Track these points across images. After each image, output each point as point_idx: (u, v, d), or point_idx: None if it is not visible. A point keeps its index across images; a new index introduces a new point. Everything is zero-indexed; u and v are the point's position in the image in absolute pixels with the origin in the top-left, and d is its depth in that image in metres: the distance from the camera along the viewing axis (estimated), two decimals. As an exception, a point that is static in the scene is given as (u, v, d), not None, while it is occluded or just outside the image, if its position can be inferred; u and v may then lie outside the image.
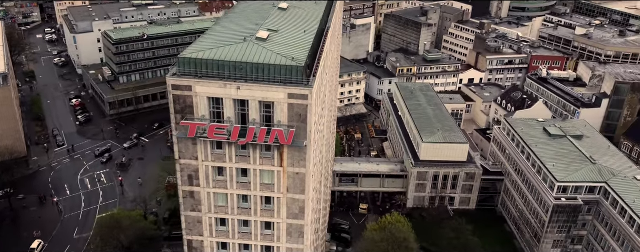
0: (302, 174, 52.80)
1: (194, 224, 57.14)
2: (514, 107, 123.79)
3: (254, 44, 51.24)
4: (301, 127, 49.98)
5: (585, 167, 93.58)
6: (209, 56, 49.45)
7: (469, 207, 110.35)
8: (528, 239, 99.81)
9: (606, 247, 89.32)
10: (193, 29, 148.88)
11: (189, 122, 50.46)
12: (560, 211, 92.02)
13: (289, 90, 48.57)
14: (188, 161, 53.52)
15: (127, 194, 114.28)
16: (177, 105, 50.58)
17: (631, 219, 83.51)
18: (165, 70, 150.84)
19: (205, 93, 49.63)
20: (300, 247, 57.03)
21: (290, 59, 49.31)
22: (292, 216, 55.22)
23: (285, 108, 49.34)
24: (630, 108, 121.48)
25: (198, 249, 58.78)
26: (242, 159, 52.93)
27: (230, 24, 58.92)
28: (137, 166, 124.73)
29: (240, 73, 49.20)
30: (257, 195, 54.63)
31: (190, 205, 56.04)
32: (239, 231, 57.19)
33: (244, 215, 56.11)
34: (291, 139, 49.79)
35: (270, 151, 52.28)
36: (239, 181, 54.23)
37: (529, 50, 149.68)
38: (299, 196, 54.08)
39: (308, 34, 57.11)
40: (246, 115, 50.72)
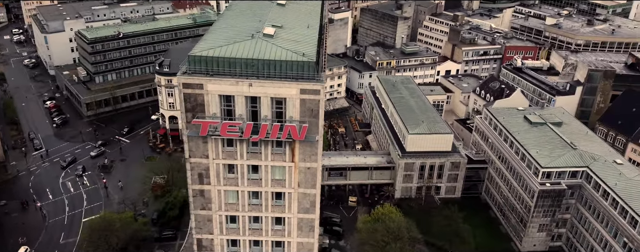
0: (313, 169, 53.36)
1: (204, 223, 57.01)
2: (493, 97, 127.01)
3: (263, 40, 51.38)
4: (313, 123, 50.52)
5: (567, 153, 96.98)
6: (219, 54, 49.33)
7: (455, 196, 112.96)
8: (514, 225, 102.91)
9: (590, 229, 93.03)
10: (169, 27, 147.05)
11: (201, 120, 50.28)
12: (545, 196, 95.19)
13: (302, 86, 48.99)
14: (198, 160, 53.32)
15: (112, 197, 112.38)
16: (188, 104, 50.30)
17: (614, 201, 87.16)
18: (143, 69, 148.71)
19: (216, 91, 49.55)
20: (311, 242, 57.69)
21: (301, 55, 49.70)
22: (303, 210, 55.75)
23: (297, 104, 49.73)
24: (603, 95, 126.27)
25: (208, 248, 58.66)
26: (253, 156, 53.09)
27: (233, 21, 58.73)
28: (120, 167, 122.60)
29: (252, 70, 49.30)
30: (268, 191, 54.92)
31: (200, 204, 55.87)
32: (249, 227, 57.41)
33: (255, 211, 56.32)
34: (304, 135, 50.25)
35: (281, 147, 52.62)
36: (250, 177, 54.41)
37: (502, 41, 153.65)
38: (310, 190, 54.64)
39: (311, 30, 57.55)
40: (257, 112, 50.90)
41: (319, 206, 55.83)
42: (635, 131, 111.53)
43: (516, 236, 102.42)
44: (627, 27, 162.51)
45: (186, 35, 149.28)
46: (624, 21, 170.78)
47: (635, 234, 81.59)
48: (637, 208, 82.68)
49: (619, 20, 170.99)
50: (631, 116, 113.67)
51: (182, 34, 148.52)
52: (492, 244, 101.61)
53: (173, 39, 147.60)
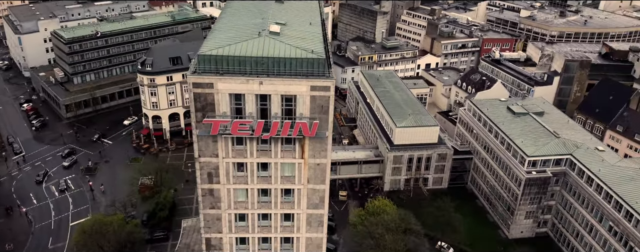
0: (323, 165, 53.89)
1: (213, 222, 56.91)
2: (475, 89, 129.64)
3: (270, 38, 51.49)
4: (323, 119, 50.97)
5: (551, 141, 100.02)
6: (229, 53, 49.24)
7: (442, 187, 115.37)
8: (501, 213, 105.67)
9: (575, 214, 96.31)
10: (148, 25, 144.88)
11: (212, 119, 50.15)
12: (531, 184, 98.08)
13: (312, 82, 49.37)
14: (208, 159, 53.18)
15: (99, 199, 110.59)
16: (197, 103, 50.06)
17: (598, 187, 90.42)
18: (122, 69, 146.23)
19: (227, 90, 49.47)
20: (320, 236, 58.29)
21: (310, 52, 50.02)
22: (312, 206, 56.24)
23: (307, 100, 50.09)
24: (579, 84, 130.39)
25: (217, 247, 58.60)
26: (263, 154, 53.26)
27: (235, 19, 58.57)
28: (105, 169, 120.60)
29: (262, 68, 49.39)
30: (278, 188, 55.18)
31: (209, 203, 55.74)
32: (258, 225, 57.56)
33: (264, 209, 56.55)
34: (315, 131, 50.68)
35: (291, 144, 52.95)
36: (259, 175, 54.56)
37: (480, 34, 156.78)
38: (319, 186, 55.17)
39: (314, 26, 57.88)
40: (267, 109, 51.04)
41: (328, 201, 56.39)
42: (612, 119, 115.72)
43: (503, 224, 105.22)
44: (599, 17, 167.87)
45: (165, 34, 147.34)
46: (595, 12, 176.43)
47: (621, 218, 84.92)
48: (622, 193, 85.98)
49: (590, 11, 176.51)
50: (608, 104, 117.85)
51: (160, 32, 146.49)
52: (480, 232, 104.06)
53: (152, 37, 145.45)
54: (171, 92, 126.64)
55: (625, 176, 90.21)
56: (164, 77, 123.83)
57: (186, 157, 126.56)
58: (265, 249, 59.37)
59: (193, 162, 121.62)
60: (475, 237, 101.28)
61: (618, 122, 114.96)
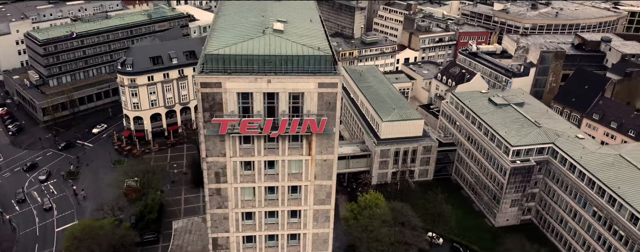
0: (330, 161, 54.44)
1: (220, 222, 56.83)
2: (455, 82, 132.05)
3: (275, 36, 51.64)
4: (330, 115, 51.45)
5: (533, 131, 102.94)
6: (237, 51, 49.18)
7: (428, 179, 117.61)
8: (487, 202, 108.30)
9: (559, 201, 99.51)
10: (124, 24, 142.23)
11: (221, 119, 50.02)
12: (516, 173, 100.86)
13: (320, 79, 49.78)
14: (216, 159, 53.05)
15: (84, 204, 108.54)
16: (205, 103, 49.86)
17: (581, 173, 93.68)
18: (98, 70, 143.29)
19: (235, 89, 49.45)
20: (326, 232, 58.89)
21: (316, 49, 50.39)
22: (319, 202, 56.76)
23: (315, 97, 50.49)
24: (554, 75, 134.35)
25: (223, 246, 58.53)
26: (270, 152, 53.45)
27: (234, 17, 58.39)
28: (87, 173, 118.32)
29: (270, 66, 49.52)
30: (285, 185, 55.48)
31: (216, 203, 55.64)
32: (265, 223, 57.75)
33: (271, 206, 56.79)
34: (323, 128, 51.14)
35: (297, 141, 53.30)
36: (266, 173, 54.72)
37: (456, 28, 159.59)
38: (326, 182, 55.71)
39: (315, 24, 58.22)
40: (274, 107, 51.23)
41: (334, 196, 57.01)
42: (588, 107, 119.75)
43: (490, 213, 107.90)
44: (569, 9, 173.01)
45: (142, 33, 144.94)
46: (565, 4, 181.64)
47: (604, 203, 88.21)
48: (604, 179, 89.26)
49: (560, 4, 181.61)
50: (584, 93, 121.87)
51: (137, 32, 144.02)
52: (467, 221, 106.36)
53: (129, 37, 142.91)
54: (152, 93, 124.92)
55: (605, 162, 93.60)
56: (145, 77, 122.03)
57: (170, 158, 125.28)
58: (271, 247, 59.61)
59: (178, 162, 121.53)
60: (463, 227, 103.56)
61: (594, 111, 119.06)
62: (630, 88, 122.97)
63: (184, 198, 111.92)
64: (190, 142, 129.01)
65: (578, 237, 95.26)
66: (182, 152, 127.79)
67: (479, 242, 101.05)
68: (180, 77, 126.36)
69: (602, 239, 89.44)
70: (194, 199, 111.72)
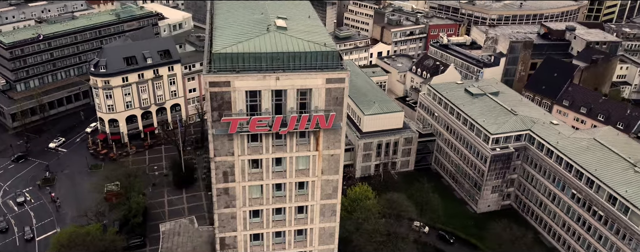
0: (336, 156, 55.03)
1: (227, 221, 56.62)
2: (430, 74, 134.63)
3: (280, 33, 51.68)
4: (338, 110, 52.01)
5: (510, 119, 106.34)
6: (244, 50, 49.00)
7: (409, 169, 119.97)
8: (468, 189, 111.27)
9: (538, 185, 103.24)
10: (92, 25, 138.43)
11: (230, 118, 49.79)
12: (496, 160, 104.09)
13: (327, 75, 50.22)
14: (224, 158, 52.79)
15: (63, 211, 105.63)
16: (214, 102, 49.52)
17: (558, 158, 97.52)
18: (67, 72, 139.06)
19: (243, 87, 49.32)
20: (333, 225, 59.51)
21: (322, 45, 50.75)
22: (326, 196, 57.31)
23: (322, 93, 50.91)
24: (523, 64, 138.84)
25: (231, 246, 58.35)
26: (278, 149, 53.61)
27: (233, 15, 58.00)
28: (64, 179, 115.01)
29: (278, 63, 49.58)
30: (293, 182, 55.72)
31: (224, 202, 55.40)
32: (272, 220, 57.88)
33: (279, 203, 56.99)
34: (332, 123, 51.64)
35: (305, 137, 53.63)
36: (274, 170, 54.83)
37: (425, 21, 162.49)
38: (333, 176, 56.30)
39: (314, 20, 58.53)
40: (282, 105, 51.35)
41: (340, 190, 57.68)
42: (558, 94, 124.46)
43: (471, 200, 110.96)
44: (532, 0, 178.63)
45: (111, 33, 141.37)
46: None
47: (583, 186, 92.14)
48: (581, 162, 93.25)
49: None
50: (553, 81, 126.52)
51: (106, 32, 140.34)
52: (449, 209, 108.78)
53: (97, 37, 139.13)
54: (127, 94, 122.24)
55: (581, 146, 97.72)
56: (120, 79, 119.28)
57: (149, 160, 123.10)
58: (279, 243, 59.82)
59: (158, 164, 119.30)
60: (446, 215, 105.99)
61: (564, 97, 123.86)
62: (596, 74, 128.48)
63: (167, 200, 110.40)
64: (168, 144, 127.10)
65: (558, 219, 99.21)
66: (160, 153, 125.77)
67: (463, 228, 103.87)
68: (156, 77, 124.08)
69: (581, 220, 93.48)
70: (177, 201, 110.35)
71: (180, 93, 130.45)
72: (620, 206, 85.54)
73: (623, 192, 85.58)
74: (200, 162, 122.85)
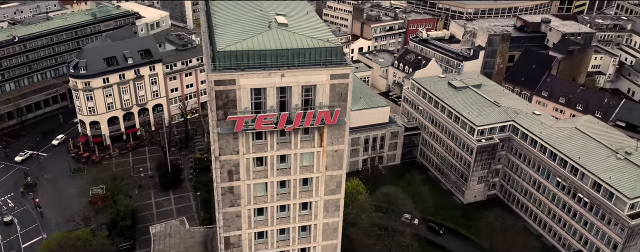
0: (340, 151, 55.31)
1: (232, 220, 56.34)
2: (412, 69, 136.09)
3: (282, 30, 51.58)
4: (342, 106, 52.26)
5: (494, 110, 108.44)
6: (249, 47, 48.74)
7: (396, 163, 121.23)
8: (454, 181, 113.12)
9: (523, 174, 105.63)
10: (68, 25, 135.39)
11: (236, 116, 49.51)
12: (482, 151, 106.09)
13: (332, 71, 50.40)
14: (229, 157, 52.49)
15: (48, 216, 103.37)
16: (219, 101, 49.16)
17: (542, 147, 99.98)
18: (43, 75, 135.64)
19: (249, 85, 49.08)
20: (336, 220, 59.84)
21: (326, 40, 50.88)
22: (329, 192, 57.56)
23: (327, 89, 51.06)
24: (502, 56, 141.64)
25: (235, 244, 58.12)
26: (283, 146, 53.57)
27: (231, 12, 57.58)
28: (46, 184, 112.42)
29: (282, 60, 49.50)
30: (297, 178, 55.79)
31: (229, 201, 55.10)
32: (277, 217, 57.86)
33: (283, 200, 56.97)
34: (337, 118, 51.89)
35: (309, 134, 53.70)
36: (278, 167, 54.78)
37: (404, 16, 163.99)
38: (336, 172, 56.56)
39: (312, 15, 58.60)
40: (286, 102, 51.31)
41: (344, 185, 58.03)
42: (537, 85, 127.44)
43: (458, 190, 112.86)
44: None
45: (88, 33, 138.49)
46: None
47: (567, 174, 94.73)
48: (565, 150, 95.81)
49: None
50: (532, 72, 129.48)
51: (83, 32, 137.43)
52: (437, 200, 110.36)
53: (74, 38, 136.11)
54: (108, 95, 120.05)
55: (563, 135, 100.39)
56: (100, 80, 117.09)
57: (133, 162, 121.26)
58: (283, 240, 59.88)
59: (143, 166, 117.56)
60: (434, 206, 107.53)
61: (542, 88, 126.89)
62: (573, 65, 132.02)
63: (154, 202, 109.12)
64: (152, 145, 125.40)
65: (543, 206, 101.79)
66: (144, 155, 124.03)
67: (451, 219, 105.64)
68: (137, 78, 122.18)
69: (567, 206, 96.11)
70: (164, 202, 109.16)
71: (162, 93, 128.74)
72: (605, 192, 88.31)
73: (607, 178, 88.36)
74: (185, 162, 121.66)
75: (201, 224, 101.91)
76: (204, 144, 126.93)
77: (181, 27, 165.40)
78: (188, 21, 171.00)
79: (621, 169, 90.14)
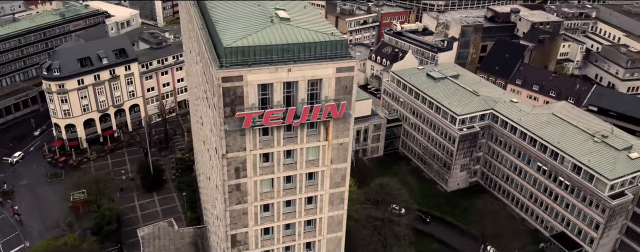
0: (345, 144, 55.60)
1: (239, 217, 55.97)
2: (389, 61, 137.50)
3: (285, 25, 51.39)
4: (348, 99, 52.54)
5: (473, 100, 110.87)
6: (256, 42, 48.39)
7: (379, 154, 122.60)
8: (437, 170, 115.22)
9: (503, 161, 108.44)
10: (36, 26, 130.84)
11: (244, 113, 49.15)
12: (464, 140, 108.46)
13: (337, 64, 50.55)
14: (236, 154, 52.06)
15: (28, 224, 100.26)
16: (226, 98, 48.65)
17: (522, 134, 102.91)
18: (12, 78, 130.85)
19: (256, 81, 48.76)
20: (341, 213, 60.23)
21: (330, 34, 51.00)
22: (334, 185, 57.83)
23: (332, 83, 51.21)
24: (474, 47, 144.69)
25: (242, 242, 57.79)
26: (289, 141, 53.49)
27: (232, 8, 56.91)
28: (24, 190, 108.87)
29: (289, 55, 49.36)
30: (303, 173, 55.83)
31: (236, 199, 54.71)
32: (283, 212, 57.83)
33: (289, 195, 56.94)
34: (343, 112, 52.16)
35: (314, 128, 53.78)
36: (284, 163, 54.71)
37: (377, 9, 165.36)
38: (341, 165, 56.83)
39: (310, 9, 58.57)
40: (292, 96, 51.24)
41: (348, 177, 58.43)
42: (511, 74, 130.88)
43: (441, 179, 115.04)
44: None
45: (57, 34, 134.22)
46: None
47: (548, 158, 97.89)
48: (544, 136, 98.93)
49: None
50: (505, 62, 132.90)
51: (52, 33, 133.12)
52: (421, 189, 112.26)
53: (43, 39, 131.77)
54: (84, 97, 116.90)
55: (542, 121, 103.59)
56: (75, 81, 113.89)
57: (112, 164, 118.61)
58: (289, 235, 59.91)
59: (123, 168, 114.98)
60: (419, 195, 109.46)
61: (516, 76, 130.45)
62: (543, 53, 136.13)
63: (138, 205, 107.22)
64: (131, 146, 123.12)
65: (525, 191, 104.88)
66: (123, 157, 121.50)
67: (436, 207, 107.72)
68: (112, 78, 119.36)
69: (548, 190, 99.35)
70: (149, 204, 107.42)
71: (138, 93, 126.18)
72: (585, 174, 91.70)
73: (586, 161, 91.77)
74: (167, 163, 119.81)
75: (188, 224, 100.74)
76: (184, 143, 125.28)
77: (152, 25, 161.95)
78: (158, 19, 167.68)
79: (599, 152, 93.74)
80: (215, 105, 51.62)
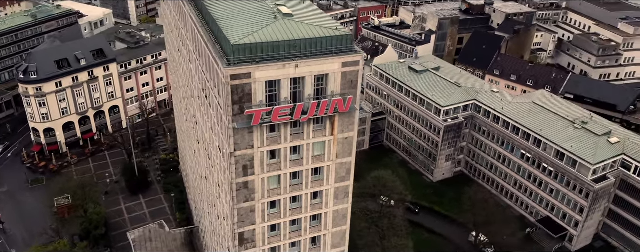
0: (350, 138, 56.01)
1: (246, 215, 55.77)
2: (370, 55, 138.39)
3: (289, 20, 51.30)
4: (353, 93, 52.89)
5: (456, 91, 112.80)
6: (263, 39, 48.16)
7: (365, 148, 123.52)
8: (423, 161, 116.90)
9: (487, 150, 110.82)
10: (7, 29, 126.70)
11: (253, 110, 48.93)
12: (449, 131, 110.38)
13: (343, 59, 50.76)
14: (244, 152, 51.81)
15: (12, 232, 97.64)
16: (234, 96, 48.31)
17: (505, 123, 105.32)
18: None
19: (264, 77, 48.57)
20: (346, 207, 60.69)
21: (334, 29, 51.18)
22: (339, 179, 58.20)
23: (339, 77, 51.43)
24: (451, 39, 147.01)
25: (249, 240, 57.64)
26: (296, 137, 53.52)
27: (231, 4, 56.35)
28: (4, 198, 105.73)
29: (295, 51, 49.34)
30: (309, 169, 55.99)
31: (243, 197, 54.48)
32: (289, 208, 57.91)
33: (295, 191, 57.04)
34: (349, 106, 52.50)
35: (320, 123, 53.95)
36: (291, 159, 54.76)
37: (354, 4, 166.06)
38: (346, 159, 57.25)
39: (309, 4, 58.57)
40: (298, 92, 51.28)
41: (353, 171, 58.90)
42: (489, 65, 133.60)
43: (427, 170, 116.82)
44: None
45: (29, 36, 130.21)
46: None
47: (531, 146, 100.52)
48: (527, 124, 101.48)
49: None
50: (483, 53, 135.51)
51: (24, 35, 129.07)
52: (408, 180, 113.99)
53: (14, 41, 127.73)
54: (62, 100, 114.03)
55: (523, 110, 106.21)
56: (53, 84, 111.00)
57: (94, 168, 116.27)
58: (295, 231, 60.07)
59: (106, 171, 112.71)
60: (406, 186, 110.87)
61: (494, 67, 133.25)
62: (519, 44, 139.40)
63: (125, 208, 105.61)
64: (112, 148, 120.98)
65: (509, 178, 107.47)
66: (105, 160, 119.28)
67: (424, 197, 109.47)
68: (91, 79, 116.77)
69: (532, 176, 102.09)
70: (136, 207, 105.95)
71: (118, 94, 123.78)
72: (568, 160, 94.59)
73: (569, 147, 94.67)
74: (151, 164, 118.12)
75: (178, 225, 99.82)
76: (167, 144, 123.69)
77: (126, 24, 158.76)
78: (132, 18, 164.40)
79: (580, 138, 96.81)
80: (220, 104, 51.21)
